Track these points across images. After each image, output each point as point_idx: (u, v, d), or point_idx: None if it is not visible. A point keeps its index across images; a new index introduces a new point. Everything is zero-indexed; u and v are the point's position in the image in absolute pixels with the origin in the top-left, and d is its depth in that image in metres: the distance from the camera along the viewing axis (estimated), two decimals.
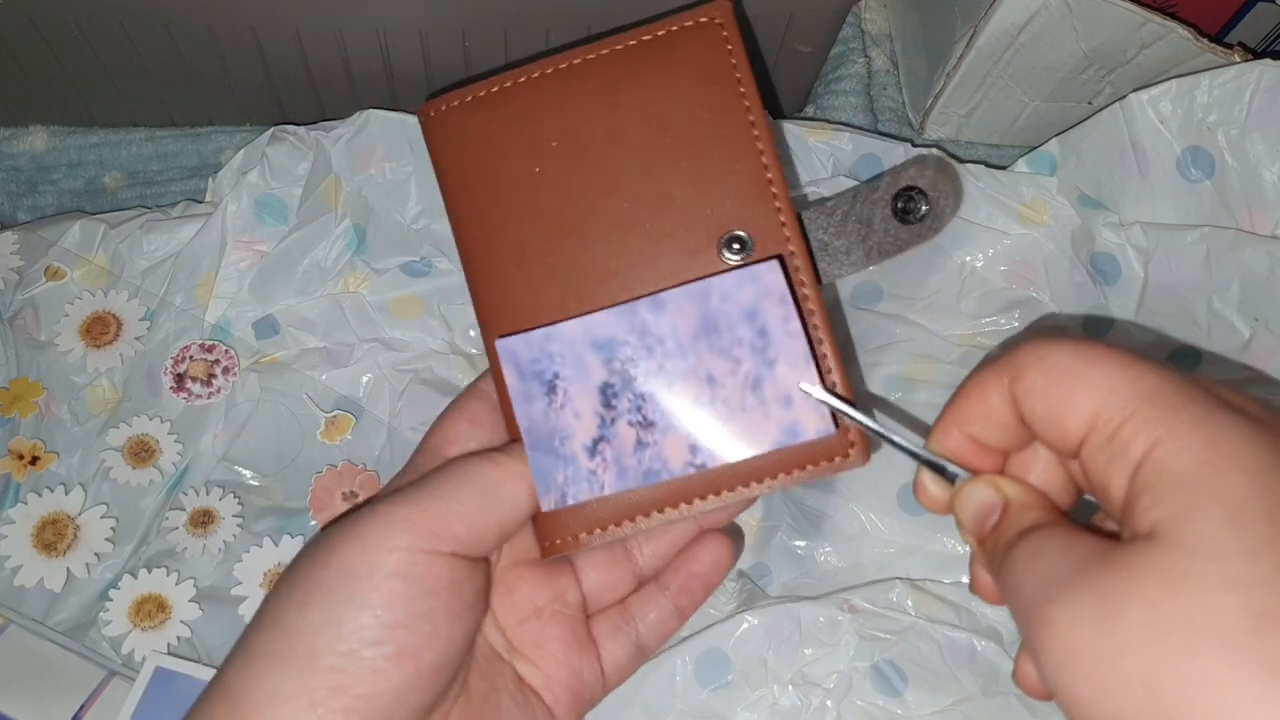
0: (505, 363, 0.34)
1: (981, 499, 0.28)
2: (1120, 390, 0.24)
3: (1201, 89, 0.43)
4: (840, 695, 0.43)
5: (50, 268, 0.47)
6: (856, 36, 0.57)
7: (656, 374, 0.33)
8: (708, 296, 0.33)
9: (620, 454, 0.33)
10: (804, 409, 0.32)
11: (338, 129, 0.47)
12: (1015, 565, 0.25)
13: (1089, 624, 0.22)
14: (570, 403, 0.33)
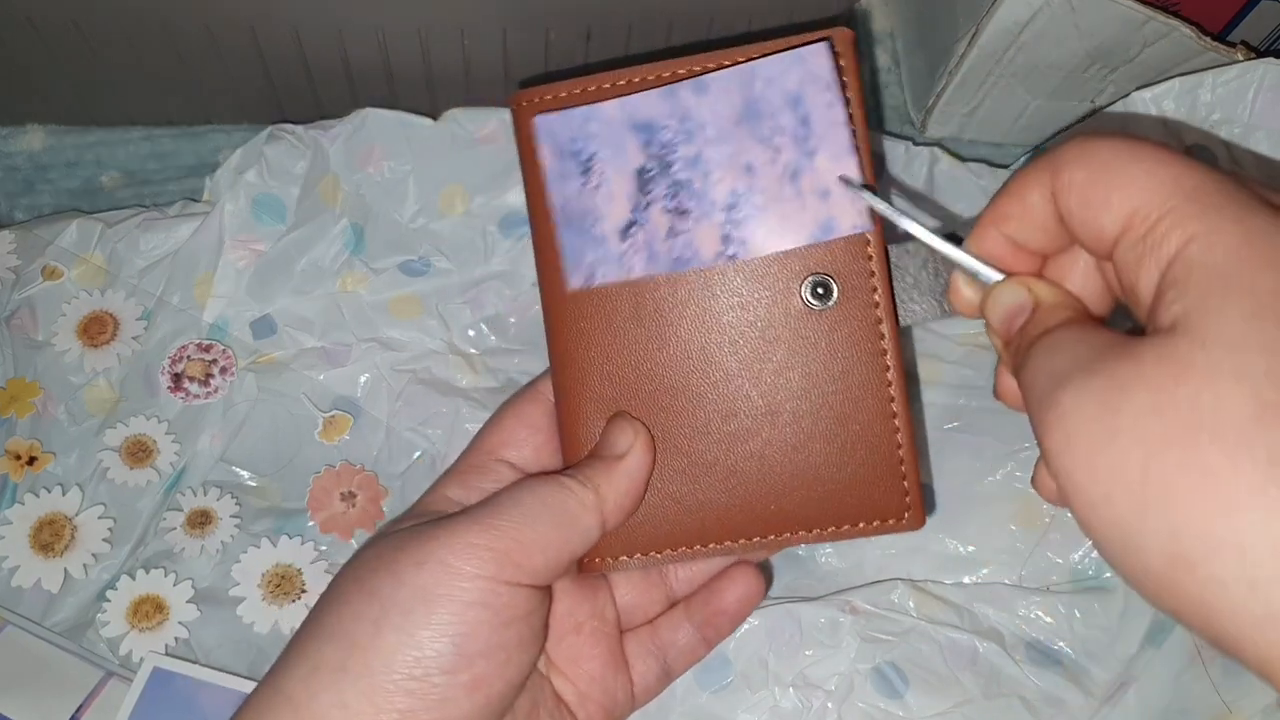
0: (542, 139, 0.33)
1: (1011, 299, 0.27)
2: (1161, 186, 0.23)
3: (1205, 88, 0.43)
4: (841, 697, 0.42)
5: (47, 267, 0.47)
6: (858, 35, 0.57)
7: (695, 160, 0.32)
8: (752, 80, 0.31)
9: (652, 239, 0.33)
10: (841, 203, 0.32)
11: (336, 128, 0.47)
12: (1033, 359, 0.25)
13: (1092, 407, 0.22)
14: (605, 184, 0.33)
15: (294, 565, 0.44)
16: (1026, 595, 0.44)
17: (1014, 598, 0.44)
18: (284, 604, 0.43)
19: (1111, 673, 0.43)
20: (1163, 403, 0.21)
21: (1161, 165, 0.24)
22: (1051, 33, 0.47)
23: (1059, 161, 0.26)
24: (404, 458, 0.46)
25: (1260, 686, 0.40)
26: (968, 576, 0.45)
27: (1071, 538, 0.45)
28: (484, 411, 0.46)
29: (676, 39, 0.48)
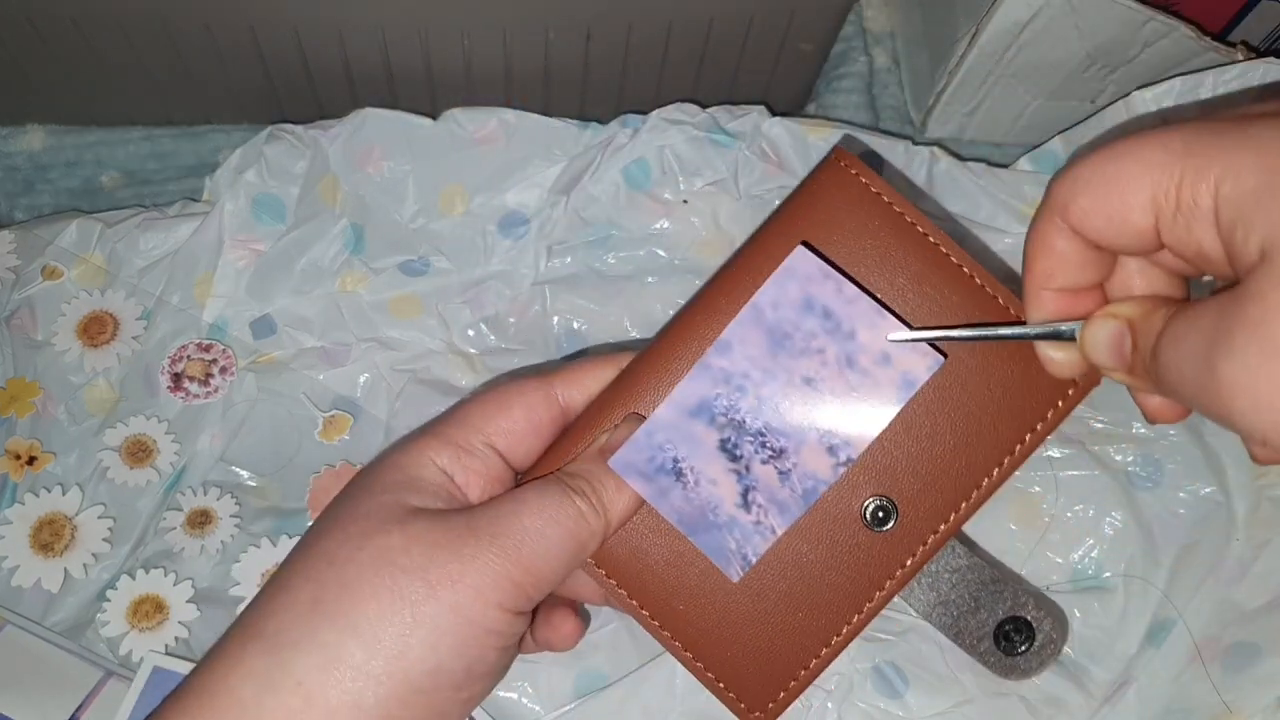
0: (628, 476, 0.33)
1: (1106, 333, 0.28)
2: (1158, 163, 0.24)
3: (1205, 87, 0.43)
4: (841, 697, 0.42)
5: (47, 267, 0.47)
6: (858, 34, 0.57)
7: (759, 407, 0.33)
8: (761, 314, 0.33)
9: (771, 492, 0.34)
10: (908, 357, 0.33)
11: (336, 128, 0.47)
12: (1167, 363, 0.25)
13: (1256, 357, 0.22)
14: (702, 476, 0.34)
15: None
16: None
17: None
18: None
19: (1112, 672, 0.43)
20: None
21: (1144, 147, 0.25)
22: (1051, 33, 0.47)
23: (1060, 202, 0.27)
24: None
25: (1261, 686, 0.40)
26: None
27: (1071, 537, 0.45)
28: None
29: (676, 39, 0.48)
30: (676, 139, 0.47)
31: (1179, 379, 0.24)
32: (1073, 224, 0.27)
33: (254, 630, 0.30)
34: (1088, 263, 0.28)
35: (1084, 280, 0.28)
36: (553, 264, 0.48)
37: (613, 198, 0.48)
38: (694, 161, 0.48)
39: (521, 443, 0.35)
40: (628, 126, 0.48)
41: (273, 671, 0.29)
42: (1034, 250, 0.29)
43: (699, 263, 0.48)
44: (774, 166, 0.48)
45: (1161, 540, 0.44)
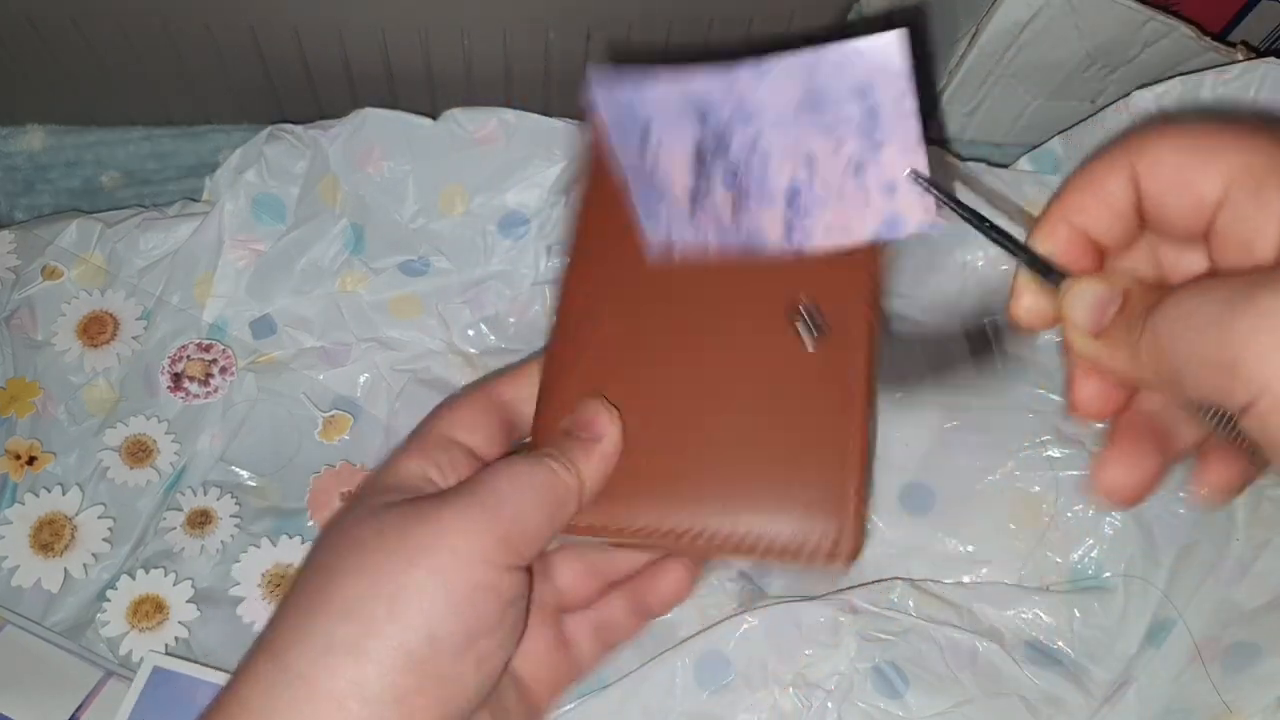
0: (599, 101, 0.31)
1: (1097, 292, 0.27)
2: (1261, 147, 0.24)
3: (1206, 87, 0.43)
4: (841, 697, 0.42)
5: (47, 267, 0.47)
6: None
7: (753, 144, 0.30)
8: (817, 68, 0.29)
9: (718, 215, 0.31)
10: (908, 199, 0.30)
11: (336, 128, 0.47)
12: (1168, 324, 0.24)
13: None
14: (666, 153, 0.31)
15: (294, 565, 0.43)
16: (1026, 595, 0.44)
17: (1014, 597, 0.44)
18: None
19: (1112, 672, 0.43)
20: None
21: (1250, 131, 0.24)
22: (1052, 33, 0.47)
23: (1140, 146, 0.26)
24: None
25: (1261, 686, 0.40)
26: (967, 576, 0.45)
27: (1071, 537, 0.45)
28: None
29: (676, 39, 0.48)
30: None
31: (1183, 322, 0.23)
32: (1140, 168, 0.26)
33: (258, 645, 0.31)
34: (1124, 218, 0.27)
35: (1107, 233, 0.27)
36: (553, 264, 0.48)
37: None
38: None
39: (478, 430, 0.35)
40: None
41: (274, 673, 0.30)
42: (1081, 182, 0.27)
43: None
44: None
45: (1161, 540, 0.44)
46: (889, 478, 0.45)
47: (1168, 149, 0.25)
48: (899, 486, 0.45)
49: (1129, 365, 0.26)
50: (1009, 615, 0.44)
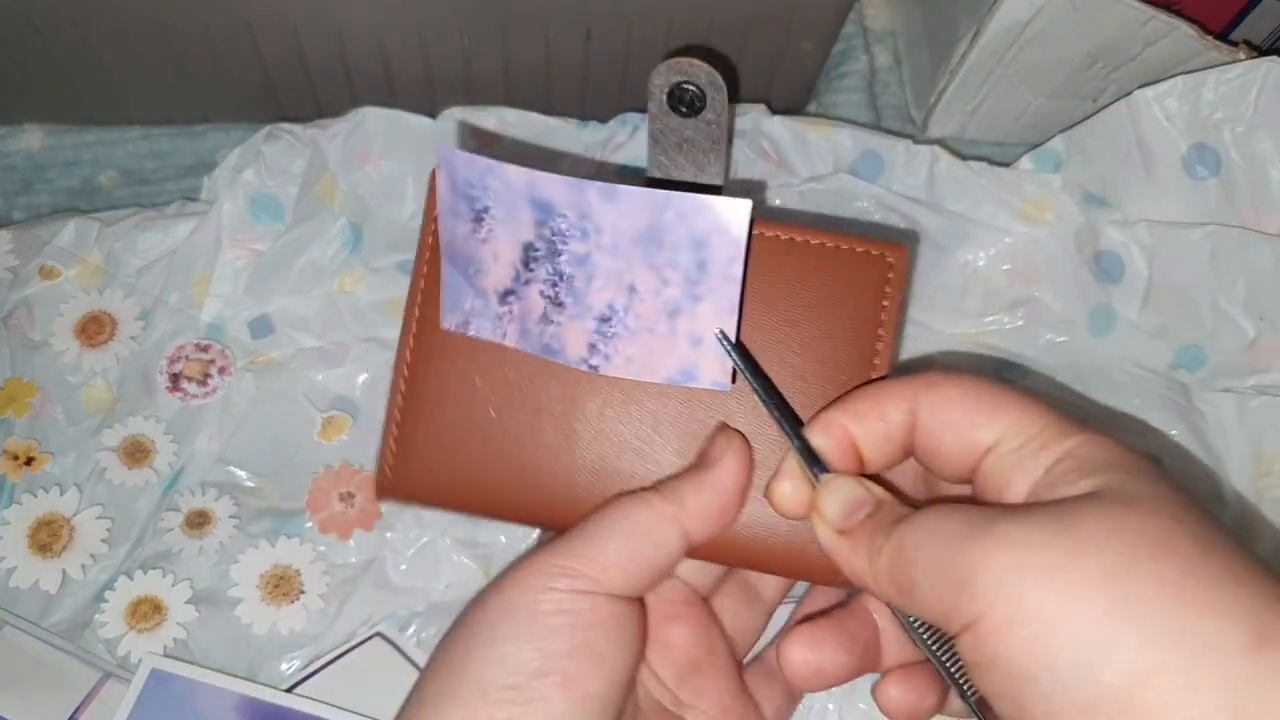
0: (442, 169, 0.31)
1: (854, 492, 0.29)
2: (1036, 409, 0.28)
3: (1208, 86, 0.43)
4: (842, 698, 0.42)
5: (45, 267, 0.47)
6: (859, 34, 0.57)
7: (583, 260, 0.31)
8: (665, 207, 0.30)
9: (526, 316, 0.32)
10: (708, 356, 0.32)
11: (334, 127, 0.47)
12: (914, 534, 0.27)
13: (1052, 537, 0.24)
14: (492, 241, 0.31)
15: (292, 566, 0.43)
16: None
17: None
18: (282, 605, 0.43)
19: None
20: (1119, 533, 0.24)
21: (1029, 396, 0.28)
22: (1053, 32, 0.47)
23: (929, 385, 0.29)
24: None
25: None
26: None
27: None
28: None
29: (677, 38, 0.48)
30: None
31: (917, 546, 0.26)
32: (921, 403, 0.29)
33: None
34: (888, 442, 0.30)
35: (874, 449, 0.30)
36: None
37: None
38: None
39: None
40: (627, 125, 0.48)
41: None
42: (865, 396, 0.30)
43: None
44: (773, 164, 0.48)
45: None
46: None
47: (955, 395, 0.28)
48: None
49: (864, 568, 0.28)
50: None
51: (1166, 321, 0.44)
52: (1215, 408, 0.44)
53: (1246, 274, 0.42)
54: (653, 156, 0.35)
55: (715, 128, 0.34)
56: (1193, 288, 0.43)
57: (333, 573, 0.44)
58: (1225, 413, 0.44)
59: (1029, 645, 0.23)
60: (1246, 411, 0.43)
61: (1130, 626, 0.22)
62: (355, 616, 0.43)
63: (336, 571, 0.44)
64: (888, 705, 0.32)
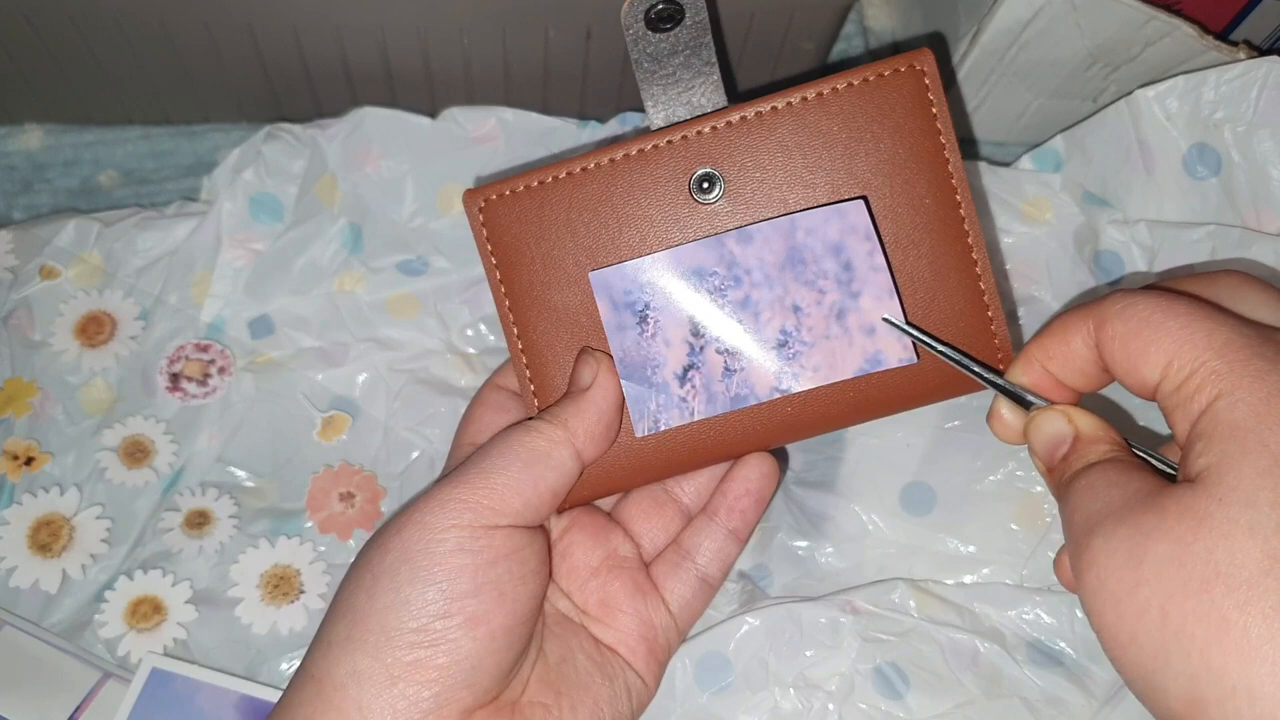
0: (599, 293, 0.35)
1: (1055, 429, 0.30)
2: (1194, 341, 0.26)
3: (1208, 86, 0.43)
4: (842, 698, 0.42)
5: (45, 267, 0.47)
6: (859, 33, 0.57)
7: (744, 303, 0.35)
8: (794, 230, 0.34)
9: (709, 380, 0.35)
10: (887, 339, 0.34)
11: (334, 127, 0.47)
12: (1072, 497, 0.28)
13: (1121, 555, 0.25)
14: (661, 331, 0.35)
15: (292, 566, 0.43)
16: (1028, 595, 0.44)
17: (1015, 598, 0.44)
18: (282, 605, 0.43)
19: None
20: (1182, 554, 0.23)
21: (1195, 320, 0.26)
22: (1053, 32, 0.47)
23: (1103, 314, 0.29)
24: (402, 458, 0.46)
25: None
26: (969, 576, 0.45)
27: None
28: None
29: None
30: None
31: (1070, 516, 0.27)
32: (1099, 338, 0.29)
33: None
34: (1085, 372, 0.30)
35: (1073, 382, 0.31)
36: None
37: None
38: None
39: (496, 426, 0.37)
40: (627, 124, 0.48)
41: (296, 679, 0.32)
42: (1054, 331, 0.30)
43: None
44: None
45: None
46: (889, 478, 0.45)
47: (1122, 326, 0.28)
48: (900, 486, 0.45)
49: (1058, 497, 0.29)
50: (1010, 616, 0.44)
51: None
52: None
53: None
54: (649, 103, 0.35)
55: (701, 29, 0.34)
56: None
57: (333, 572, 0.44)
58: None
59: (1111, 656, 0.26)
60: None
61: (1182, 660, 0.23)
62: None
63: (336, 571, 0.44)
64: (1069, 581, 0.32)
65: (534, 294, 0.36)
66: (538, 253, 0.36)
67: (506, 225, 0.36)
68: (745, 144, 0.35)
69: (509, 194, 0.36)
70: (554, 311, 0.36)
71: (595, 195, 0.35)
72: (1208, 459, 0.24)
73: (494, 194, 0.36)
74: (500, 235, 0.36)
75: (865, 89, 0.34)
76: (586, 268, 0.35)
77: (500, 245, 0.36)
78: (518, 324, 0.36)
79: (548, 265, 0.36)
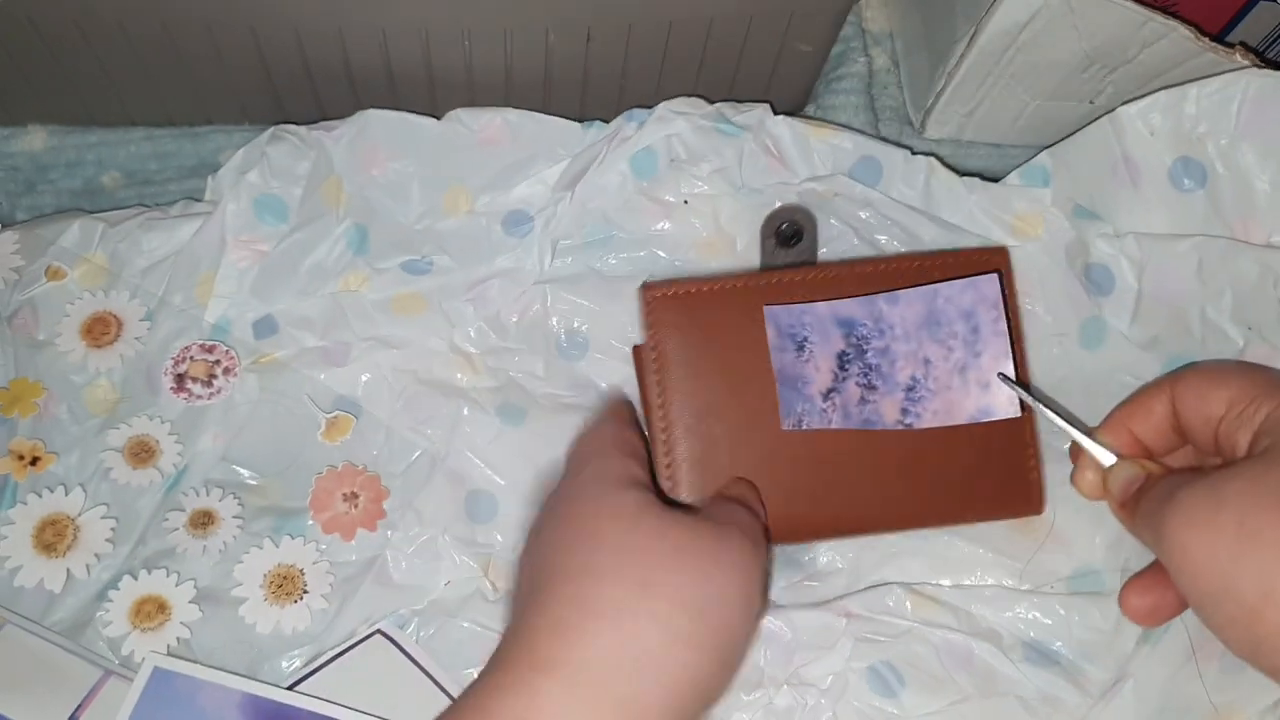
0: (769, 322, 0.42)
1: (1129, 472, 0.37)
2: (1251, 382, 0.35)
3: (1189, 100, 0.42)
4: (836, 696, 0.43)
5: (51, 268, 0.47)
6: (857, 35, 0.57)
7: (884, 351, 0.42)
8: (935, 296, 0.42)
9: (847, 403, 0.42)
10: (997, 396, 0.41)
11: (339, 129, 0.47)
12: (1147, 502, 0.34)
13: (1203, 493, 0.31)
14: (814, 359, 0.42)
15: (296, 566, 0.44)
16: (1024, 597, 0.44)
17: (1011, 600, 0.44)
18: (286, 604, 0.43)
19: (1108, 672, 0.43)
20: (1255, 486, 0.31)
21: (1250, 371, 0.36)
22: (1050, 33, 0.47)
23: (1180, 375, 0.37)
24: (405, 458, 0.46)
25: (1257, 686, 0.41)
26: (965, 579, 0.45)
27: (1070, 543, 0.45)
28: (484, 412, 0.47)
29: (676, 39, 0.48)
30: (683, 128, 0.47)
31: (1147, 503, 0.34)
32: (1175, 394, 0.37)
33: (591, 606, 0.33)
34: (1162, 431, 0.38)
35: (1149, 439, 0.38)
36: (554, 264, 0.48)
37: (619, 188, 0.48)
38: (701, 149, 0.48)
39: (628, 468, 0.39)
40: (632, 120, 0.48)
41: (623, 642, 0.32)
42: (1136, 398, 0.39)
43: (700, 264, 0.49)
44: (776, 162, 0.48)
45: None
46: None
47: (1192, 380, 0.37)
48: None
49: (1133, 526, 0.36)
50: (1006, 617, 0.44)
51: (1157, 333, 0.45)
52: None
53: (1233, 284, 0.42)
54: None
55: (811, 252, 0.47)
56: (1182, 299, 0.43)
57: (335, 572, 0.44)
58: None
59: (1189, 584, 0.31)
60: None
61: (1255, 558, 0.29)
62: (356, 615, 0.44)
63: (339, 571, 0.44)
64: (1130, 610, 0.38)
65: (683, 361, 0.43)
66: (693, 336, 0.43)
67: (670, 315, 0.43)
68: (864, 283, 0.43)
69: (679, 294, 0.43)
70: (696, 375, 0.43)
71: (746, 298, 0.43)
72: (1269, 441, 0.32)
73: (667, 290, 0.43)
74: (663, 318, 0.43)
75: (960, 259, 0.43)
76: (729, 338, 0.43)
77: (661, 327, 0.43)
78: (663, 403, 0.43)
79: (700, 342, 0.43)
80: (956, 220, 0.48)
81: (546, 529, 0.37)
